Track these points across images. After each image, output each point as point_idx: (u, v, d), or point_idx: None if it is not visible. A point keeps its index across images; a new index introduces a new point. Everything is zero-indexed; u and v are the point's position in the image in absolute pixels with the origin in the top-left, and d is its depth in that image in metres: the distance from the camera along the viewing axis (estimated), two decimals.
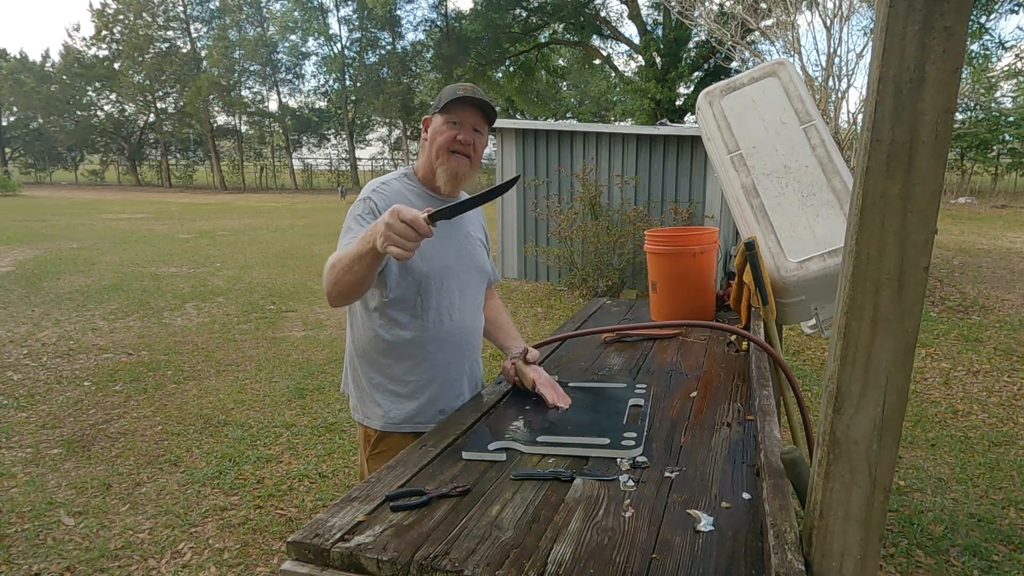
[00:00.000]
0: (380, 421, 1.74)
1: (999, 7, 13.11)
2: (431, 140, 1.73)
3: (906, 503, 3.27)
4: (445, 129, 1.70)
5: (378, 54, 35.63)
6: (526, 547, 1.01)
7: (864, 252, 0.81)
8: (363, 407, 1.78)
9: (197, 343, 6.07)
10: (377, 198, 1.68)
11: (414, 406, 1.73)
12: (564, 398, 1.61)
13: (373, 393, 1.75)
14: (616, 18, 29.27)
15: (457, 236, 1.80)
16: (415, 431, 1.73)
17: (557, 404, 1.58)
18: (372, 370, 1.75)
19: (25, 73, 37.42)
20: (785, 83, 2.56)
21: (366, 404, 1.77)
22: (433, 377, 1.74)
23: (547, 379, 1.68)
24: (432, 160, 1.73)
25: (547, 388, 1.63)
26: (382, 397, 1.74)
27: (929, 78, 0.74)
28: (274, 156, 41.62)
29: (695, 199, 8.11)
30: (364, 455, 1.80)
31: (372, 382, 1.75)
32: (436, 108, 1.73)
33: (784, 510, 1.03)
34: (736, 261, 2.36)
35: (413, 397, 1.73)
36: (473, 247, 1.85)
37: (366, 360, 1.75)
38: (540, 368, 1.74)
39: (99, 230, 14.83)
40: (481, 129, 1.75)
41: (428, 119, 1.76)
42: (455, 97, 1.68)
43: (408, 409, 1.73)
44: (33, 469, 3.60)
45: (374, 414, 1.75)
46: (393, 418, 1.73)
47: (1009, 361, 5.55)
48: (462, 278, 1.78)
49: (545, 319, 7.10)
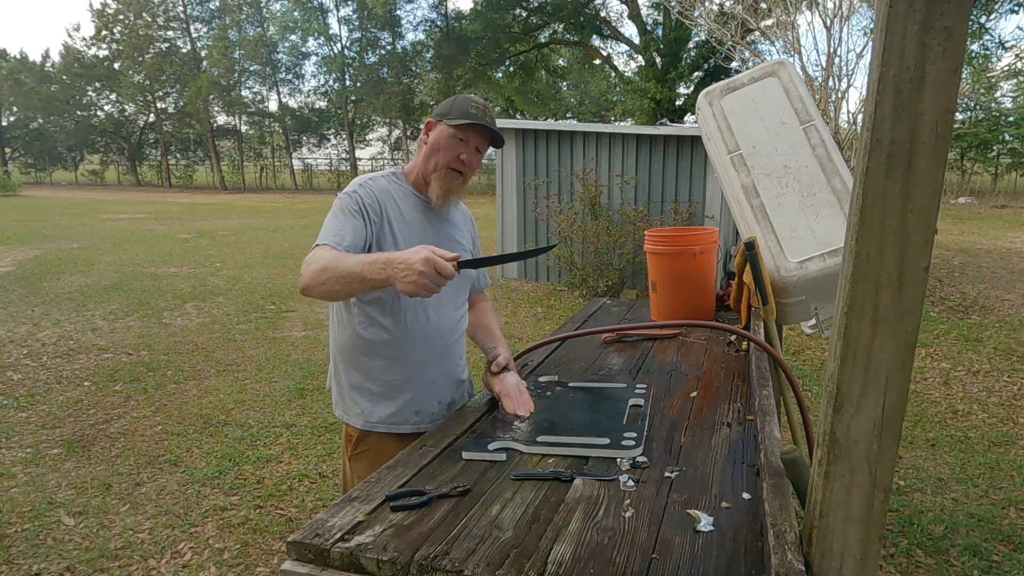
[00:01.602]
0: (359, 419, 1.74)
1: (999, 7, 13.11)
2: (433, 149, 1.70)
3: (906, 503, 3.27)
4: (451, 145, 1.68)
5: (378, 54, 35.61)
6: (526, 547, 1.01)
7: (864, 252, 0.81)
8: (343, 404, 1.78)
9: (197, 343, 6.07)
10: (364, 193, 1.66)
11: (390, 406, 1.72)
12: (524, 405, 1.59)
13: (352, 391, 1.75)
14: (616, 18, 29.30)
15: (440, 237, 1.76)
16: (390, 431, 1.72)
17: (517, 412, 1.56)
18: (351, 368, 1.74)
19: (25, 73, 37.39)
20: (785, 83, 2.56)
21: (346, 402, 1.77)
22: (408, 377, 1.72)
23: (512, 386, 1.65)
24: (428, 169, 1.71)
25: (507, 398, 1.62)
26: (360, 396, 1.74)
27: (929, 78, 0.74)
28: (274, 156, 41.59)
29: (695, 199, 8.11)
30: (346, 455, 1.80)
31: (351, 380, 1.75)
32: (445, 117, 1.69)
33: (784, 510, 1.03)
34: (736, 261, 2.36)
35: (389, 397, 1.72)
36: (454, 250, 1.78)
37: (345, 357, 1.75)
38: (508, 374, 1.71)
39: (99, 230, 14.83)
40: (483, 149, 1.73)
41: (432, 123, 1.72)
42: (468, 122, 1.65)
43: (385, 409, 1.72)
44: (33, 469, 3.60)
45: (353, 412, 1.75)
46: (371, 417, 1.73)
47: (1009, 361, 5.55)
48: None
49: (545, 319, 7.10)
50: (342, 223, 1.60)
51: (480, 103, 1.71)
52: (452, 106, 1.70)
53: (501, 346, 1.85)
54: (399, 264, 1.34)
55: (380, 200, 1.67)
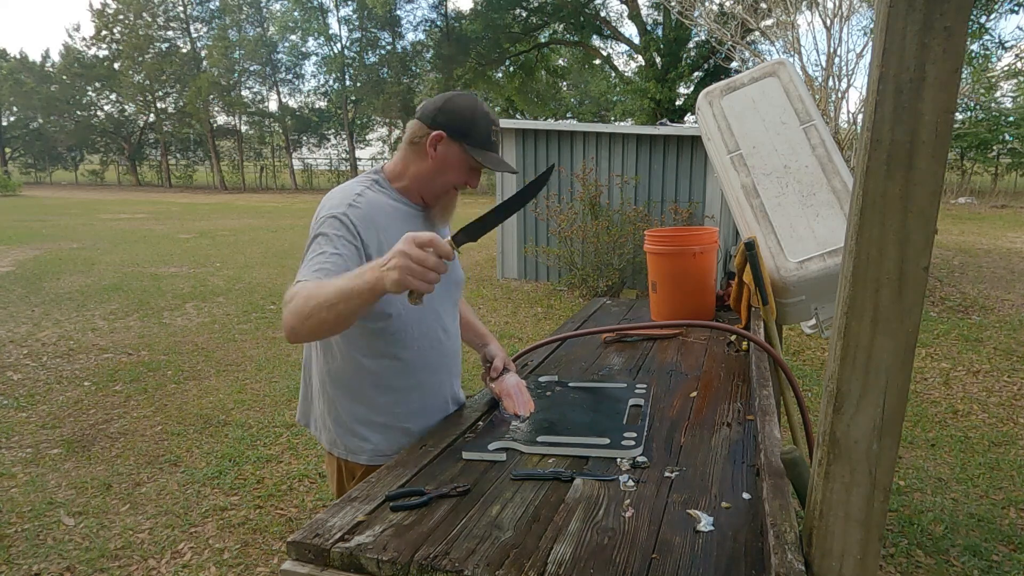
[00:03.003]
0: (366, 456, 1.55)
1: (999, 7, 13.11)
2: (441, 167, 1.51)
3: (906, 503, 3.27)
4: (464, 170, 1.52)
5: (378, 54, 35.61)
6: (526, 547, 1.01)
7: (864, 252, 0.81)
8: (345, 442, 1.57)
9: (197, 343, 6.07)
10: (355, 216, 1.42)
11: (404, 436, 1.55)
12: (525, 405, 1.57)
13: (357, 427, 1.55)
14: (616, 18, 29.30)
15: None
16: None
17: (517, 412, 1.55)
18: (355, 402, 1.55)
19: (25, 73, 37.40)
20: (785, 83, 2.56)
21: (348, 439, 1.56)
22: (424, 406, 1.59)
23: (512, 386, 1.62)
24: (433, 186, 1.54)
25: (508, 397, 1.60)
26: (369, 431, 1.55)
27: (929, 78, 0.74)
28: (274, 156, 41.60)
29: (695, 199, 8.11)
30: (345, 486, 1.61)
31: (355, 414, 1.55)
32: (464, 139, 1.49)
33: (784, 510, 1.03)
34: (736, 261, 2.36)
35: (403, 428, 1.56)
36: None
37: (346, 391, 1.55)
38: (508, 374, 1.67)
39: (99, 230, 14.83)
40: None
41: (443, 137, 1.49)
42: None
43: (398, 440, 1.55)
44: (33, 469, 3.60)
45: (359, 449, 1.56)
46: (381, 449, 1.55)
47: (1009, 361, 5.55)
48: (442, 297, 1.61)
49: (545, 319, 7.10)
50: (329, 254, 1.35)
51: (497, 122, 1.56)
52: (472, 127, 1.49)
53: (492, 343, 1.80)
54: (381, 259, 1.17)
55: (373, 217, 1.47)
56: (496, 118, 1.56)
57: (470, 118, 1.49)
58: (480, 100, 1.56)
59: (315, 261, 1.34)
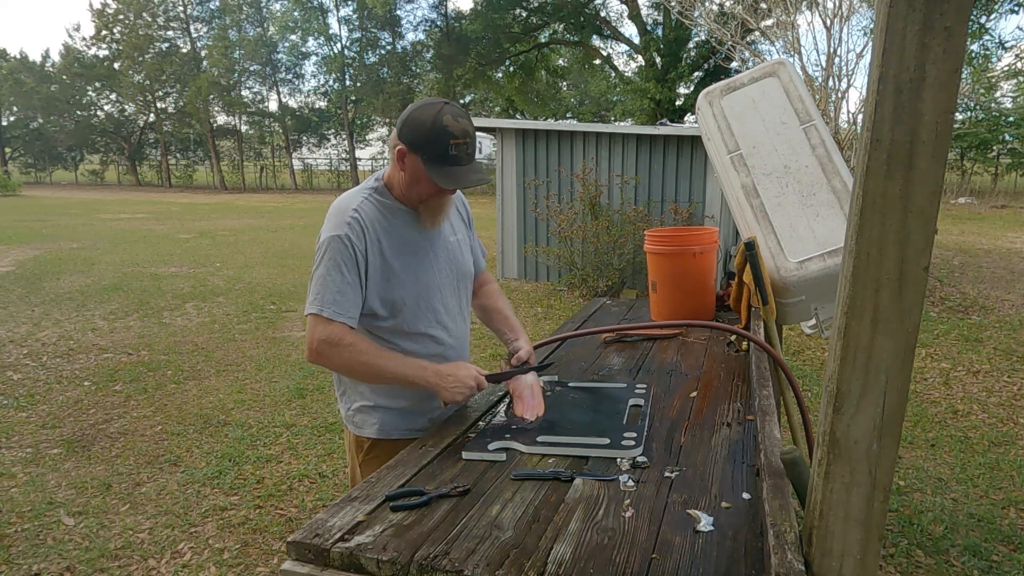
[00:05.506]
0: (373, 430, 1.70)
1: (999, 7, 13.11)
2: (412, 180, 1.56)
3: (906, 503, 3.27)
4: (431, 184, 1.53)
5: (378, 54, 35.57)
6: (526, 547, 1.01)
7: (864, 252, 0.81)
8: (356, 417, 1.73)
9: (197, 343, 6.07)
10: (354, 234, 1.53)
11: (411, 418, 1.69)
12: (534, 409, 1.57)
13: (367, 407, 1.70)
14: (616, 18, 29.29)
15: (437, 245, 1.68)
16: (407, 437, 1.69)
17: (525, 416, 1.55)
18: (369, 390, 1.69)
19: (25, 73, 37.38)
20: (785, 83, 2.56)
21: (359, 415, 1.72)
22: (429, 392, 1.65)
23: (526, 388, 1.63)
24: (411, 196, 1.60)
25: (519, 399, 1.60)
26: (377, 412, 1.70)
27: (929, 78, 0.74)
28: (274, 156, 41.57)
29: (695, 199, 8.11)
30: (356, 460, 1.76)
31: (366, 397, 1.70)
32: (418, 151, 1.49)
33: (784, 510, 1.03)
34: (736, 261, 2.36)
35: (410, 411, 1.69)
36: (452, 254, 1.73)
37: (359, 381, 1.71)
38: (526, 376, 1.66)
39: (99, 230, 14.83)
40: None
41: (406, 152, 1.51)
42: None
43: (405, 422, 1.70)
44: (33, 469, 3.60)
45: (366, 423, 1.71)
46: (387, 427, 1.70)
47: (1009, 361, 5.54)
48: (444, 292, 1.70)
49: (545, 319, 7.10)
50: (340, 285, 1.51)
51: (460, 132, 1.48)
52: (427, 142, 1.48)
53: (522, 338, 1.78)
54: (448, 376, 1.54)
55: (374, 231, 1.57)
56: (463, 128, 1.49)
57: (428, 131, 1.47)
58: (448, 109, 1.49)
59: (330, 288, 1.52)
